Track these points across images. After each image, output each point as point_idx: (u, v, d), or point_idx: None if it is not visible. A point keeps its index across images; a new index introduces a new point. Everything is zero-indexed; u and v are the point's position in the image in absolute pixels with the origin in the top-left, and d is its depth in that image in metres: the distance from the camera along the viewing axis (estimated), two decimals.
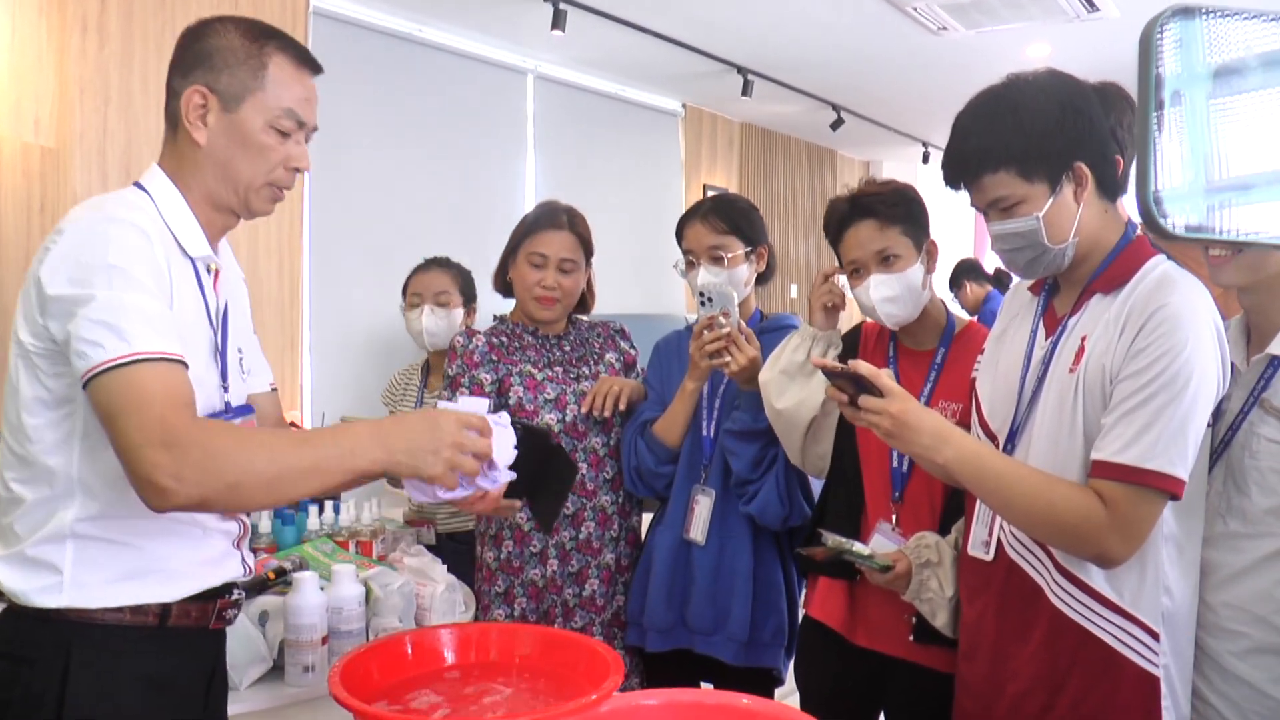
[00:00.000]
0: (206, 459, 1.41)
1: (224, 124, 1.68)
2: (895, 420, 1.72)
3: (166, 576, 1.66)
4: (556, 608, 2.60)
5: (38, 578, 1.58)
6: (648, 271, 7.74)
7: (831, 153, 10.54)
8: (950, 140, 1.84)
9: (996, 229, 1.79)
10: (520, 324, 2.72)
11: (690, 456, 2.60)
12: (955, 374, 2.27)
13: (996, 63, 6.54)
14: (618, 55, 6.70)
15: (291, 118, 1.72)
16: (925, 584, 2.08)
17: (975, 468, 1.73)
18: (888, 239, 2.28)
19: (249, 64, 1.68)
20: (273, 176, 1.73)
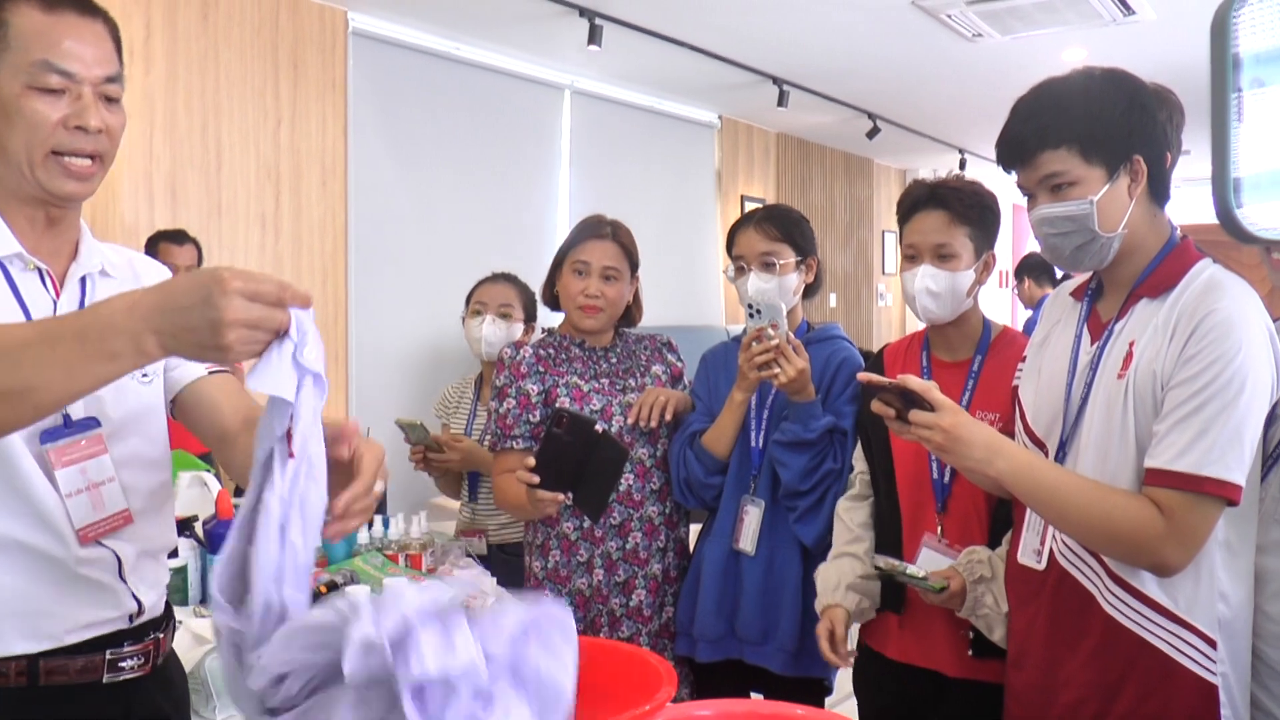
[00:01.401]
0: None
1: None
2: (948, 435, 1.70)
3: (25, 622, 1.46)
4: (603, 617, 2.61)
5: None
6: (685, 283, 7.76)
7: (868, 162, 10.53)
8: (1009, 121, 1.84)
9: (1046, 211, 1.78)
10: (567, 336, 2.73)
11: (739, 467, 2.60)
12: (993, 383, 2.26)
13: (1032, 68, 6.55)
14: (653, 69, 6.72)
15: (48, 69, 1.43)
16: (980, 600, 2.06)
17: (1029, 479, 1.72)
18: (951, 235, 2.28)
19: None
20: (52, 143, 1.45)
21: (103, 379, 1.16)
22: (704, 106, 7.98)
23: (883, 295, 10.81)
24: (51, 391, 1.15)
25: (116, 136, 1.53)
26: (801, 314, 2.71)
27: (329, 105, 5.30)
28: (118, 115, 1.53)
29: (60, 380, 1.14)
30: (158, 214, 4.52)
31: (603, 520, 2.59)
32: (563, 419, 2.22)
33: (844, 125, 8.47)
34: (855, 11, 5.64)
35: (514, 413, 2.62)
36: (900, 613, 2.32)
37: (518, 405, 2.62)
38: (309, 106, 5.20)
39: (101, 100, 1.49)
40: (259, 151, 4.93)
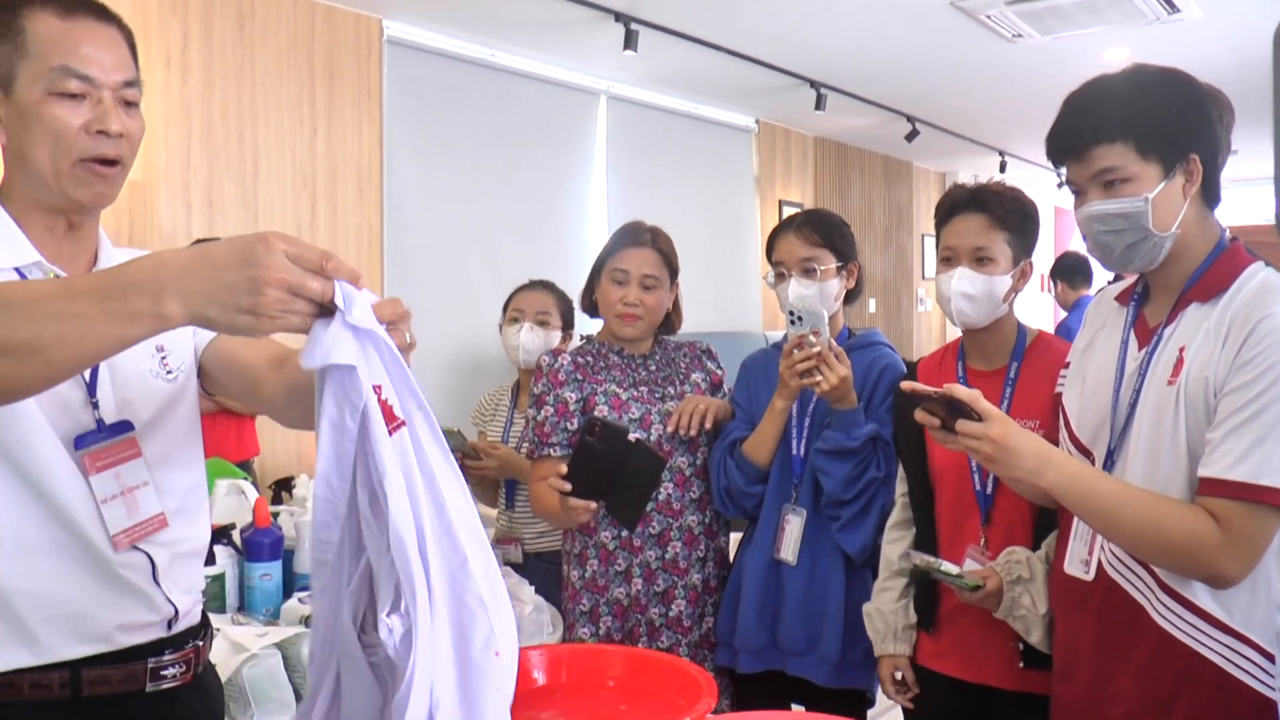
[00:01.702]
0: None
1: (10, 112, 1.44)
2: (997, 445, 1.66)
3: (67, 625, 1.45)
4: (641, 627, 2.58)
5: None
6: (723, 289, 7.74)
7: (906, 165, 10.47)
8: (1063, 114, 1.80)
9: (1097, 208, 1.73)
10: (606, 343, 2.72)
11: (780, 476, 2.57)
12: (1031, 390, 2.23)
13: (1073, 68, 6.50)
14: (690, 73, 6.71)
15: (68, 74, 1.42)
16: (1017, 601, 2.03)
17: (1080, 490, 1.67)
18: (990, 239, 2.26)
19: (8, 35, 1.43)
20: (77, 150, 1.44)
21: (118, 340, 1.10)
22: (741, 110, 7.95)
23: (922, 300, 10.74)
24: (63, 349, 1.09)
25: (136, 141, 1.52)
26: (843, 320, 2.68)
27: (364, 113, 5.32)
28: (137, 120, 1.52)
29: (74, 337, 1.08)
30: (195, 223, 4.54)
31: (641, 529, 2.57)
32: (595, 427, 2.20)
33: (882, 128, 8.43)
34: (893, 13, 5.61)
35: (551, 420, 2.60)
36: (930, 630, 2.30)
37: (555, 413, 2.60)
38: (344, 114, 5.22)
39: (121, 105, 1.49)
40: (295, 160, 4.95)
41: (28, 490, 1.42)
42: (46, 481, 1.42)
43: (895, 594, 2.35)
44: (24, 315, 1.09)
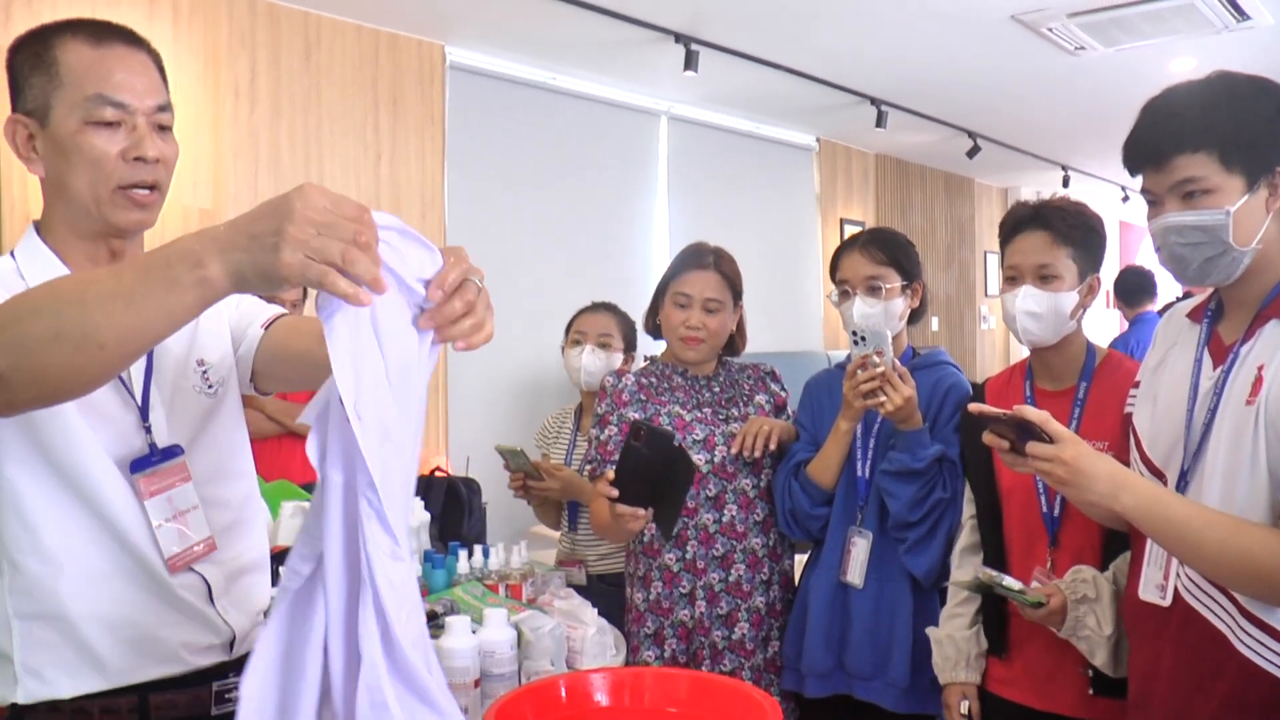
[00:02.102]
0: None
1: (47, 143, 1.45)
2: (1070, 468, 1.61)
3: (134, 648, 1.46)
4: (705, 650, 2.57)
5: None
6: (786, 309, 7.71)
7: (968, 181, 10.38)
8: (1142, 121, 1.74)
9: (1174, 220, 1.68)
10: (670, 365, 2.72)
11: (845, 498, 2.55)
12: (1100, 410, 2.18)
13: (1137, 80, 6.43)
14: (750, 92, 6.71)
15: (103, 103, 1.43)
16: (1082, 621, 1.99)
17: (1157, 514, 1.62)
18: (1054, 256, 2.22)
19: (40, 66, 1.43)
20: (116, 178, 1.45)
21: (166, 314, 1.07)
22: (802, 129, 7.93)
23: (985, 318, 10.62)
24: (114, 330, 1.07)
25: (171, 165, 1.54)
26: (906, 339, 2.65)
27: (427, 139, 5.38)
28: (171, 144, 1.53)
29: (121, 316, 1.07)
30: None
31: (705, 551, 2.56)
32: (640, 431, 2.19)
33: (943, 144, 8.36)
34: (954, 28, 5.57)
35: (615, 439, 2.61)
36: (1002, 656, 2.26)
37: (619, 432, 2.61)
38: (408, 140, 5.28)
39: (155, 130, 1.50)
40: (360, 185, 5.01)
41: (90, 515, 1.44)
42: (107, 507, 1.44)
43: (966, 620, 2.31)
44: (74, 303, 1.08)
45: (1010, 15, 5.35)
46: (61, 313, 1.07)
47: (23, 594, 1.42)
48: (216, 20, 4.73)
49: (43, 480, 1.41)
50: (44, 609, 1.42)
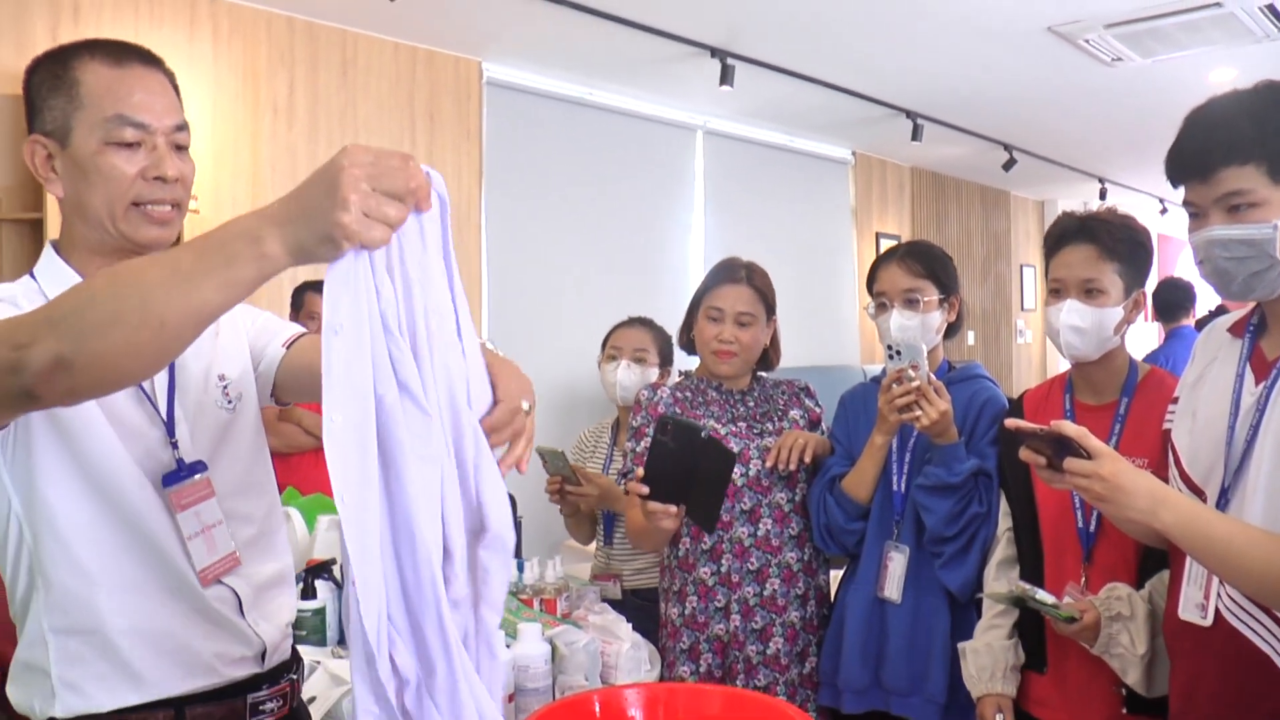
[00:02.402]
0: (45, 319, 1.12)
1: (67, 163, 1.47)
2: (1109, 484, 1.59)
3: (172, 659, 1.49)
4: (739, 664, 2.56)
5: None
6: (822, 322, 7.69)
7: (1004, 194, 10.33)
8: (1187, 132, 1.70)
9: (1219, 233, 1.65)
10: (705, 379, 2.72)
11: (881, 512, 2.53)
12: (1140, 426, 2.15)
13: (1175, 91, 6.39)
14: (786, 106, 6.71)
15: (124, 123, 1.45)
16: (1115, 638, 1.97)
17: (1198, 532, 1.58)
18: (1099, 270, 2.18)
19: (60, 87, 1.46)
20: (132, 195, 1.47)
21: (224, 289, 1.07)
22: (837, 142, 7.93)
23: (1022, 332, 10.55)
24: (172, 307, 1.06)
25: (189, 184, 1.54)
26: (942, 353, 2.64)
27: (464, 154, 5.41)
28: (188, 163, 1.54)
29: (180, 294, 1.06)
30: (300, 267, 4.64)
31: (740, 565, 2.55)
32: (668, 425, 2.17)
33: (979, 157, 8.33)
34: (989, 40, 5.55)
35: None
36: (1041, 670, 2.23)
37: None
38: (445, 155, 5.31)
39: (172, 149, 1.51)
40: None
41: (124, 528, 1.46)
42: (141, 520, 1.47)
43: (1004, 632, 2.29)
44: (133, 285, 1.08)
45: (1047, 27, 5.33)
46: (120, 295, 1.07)
47: (58, 609, 1.43)
48: (256, 38, 4.78)
49: (77, 495, 1.43)
50: (79, 623, 1.43)
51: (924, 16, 5.18)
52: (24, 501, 1.41)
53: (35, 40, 4.18)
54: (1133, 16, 5.17)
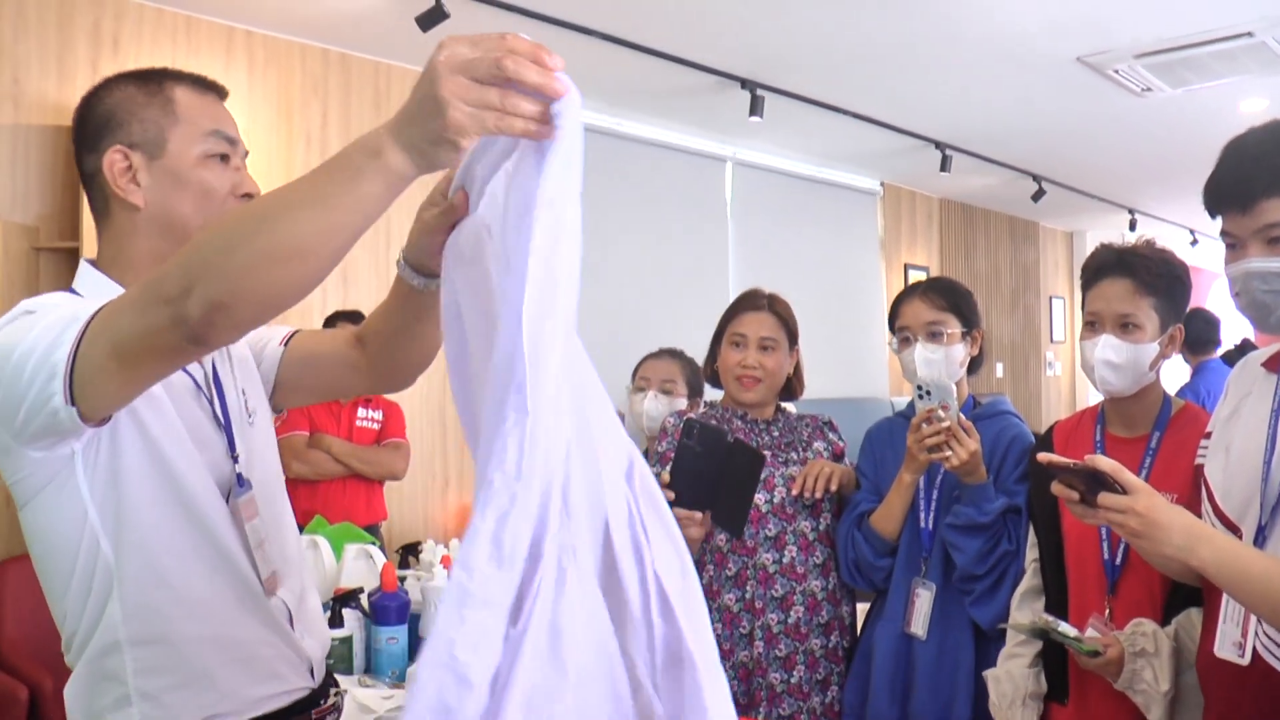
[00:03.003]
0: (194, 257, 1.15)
1: (156, 174, 1.49)
2: (1144, 520, 1.57)
3: (250, 668, 1.51)
4: (762, 691, 2.55)
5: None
6: (850, 354, 7.68)
7: (1033, 225, 10.30)
8: (1227, 162, 1.69)
9: (1258, 265, 1.63)
10: (729, 409, 2.72)
11: (909, 549, 2.53)
12: (1171, 461, 2.12)
13: (1206, 122, 6.37)
14: (815, 137, 6.73)
15: (220, 136, 1.52)
16: (1139, 674, 1.95)
17: (1235, 569, 1.56)
18: (1136, 305, 2.15)
19: (155, 102, 1.50)
20: (225, 209, 1.51)
21: (356, 207, 1.08)
22: (866, 173, 7.93)
23: (1051, 364, 10.49)
24: (313, 234, 1.09)
25: None
26: (967, 388, 2.64)
27: None
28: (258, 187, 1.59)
29: (317, 220, 1.08)
30: (330, 295, 4.69)
31: (764, 592, 2.55)
32: (694, 430, 2.17)
33: (1008, 188, 8.31)
34: (1018, 71, 5.56)
35: None
36: (1064, 702, 2.21)
37: None
38: None
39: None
40: None
41: (201, 537, 1.48)
42: (215, 530, 1.49)
43: (1026, 660, 2.27)
44: (268, 220, 1.09)
45: (1076, 57, 5.33)
46: (259, 231, 1.09)
47: (135, 619, 1.44)
48: (290, 69, 4.85)
49: (160, 502, 1.45)
50: (157, 633, 1.45)
51: (954, 48, 5.19)
52: (103, 511, 1.41)
53: (77, 72, 4.25)
54: (1163, 46, 5.16)
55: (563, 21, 4.66)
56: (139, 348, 1.20)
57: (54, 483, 1.39)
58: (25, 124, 4.14)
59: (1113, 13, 4.78)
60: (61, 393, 1.24)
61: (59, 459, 1.37)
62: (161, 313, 1.14)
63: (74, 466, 1.38)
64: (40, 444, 1.33)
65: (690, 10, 4.69)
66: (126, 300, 1.23)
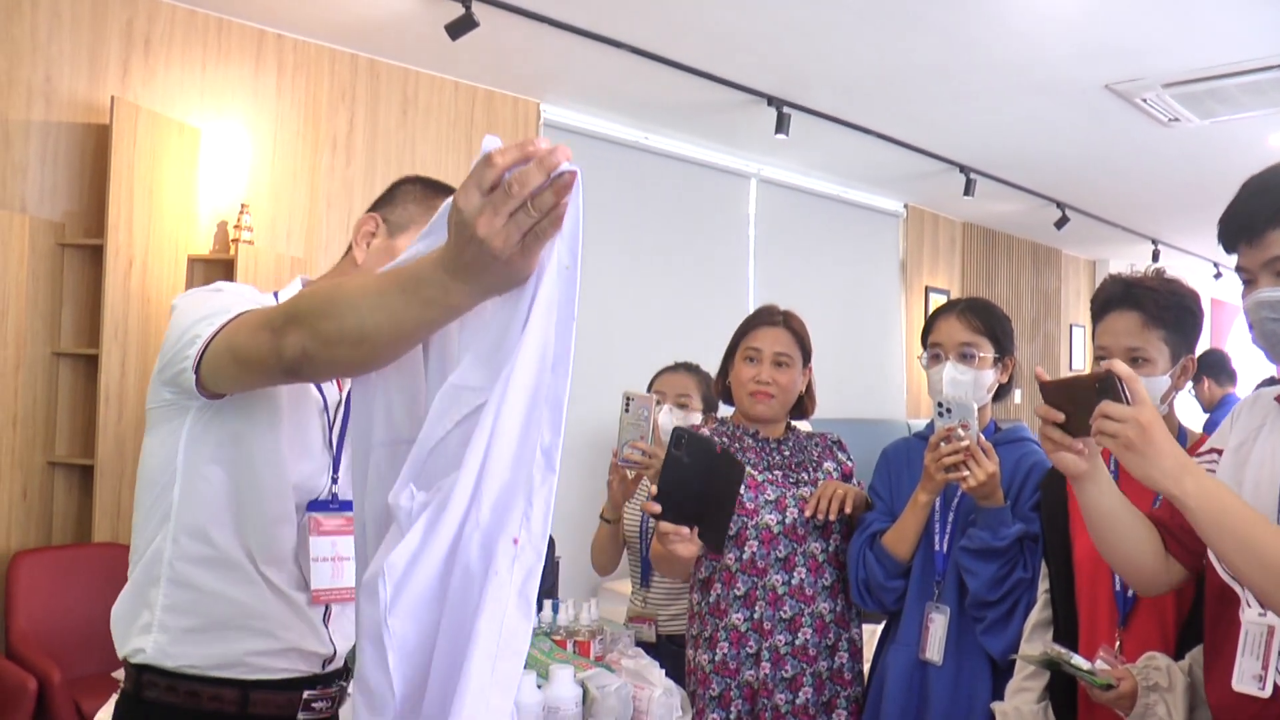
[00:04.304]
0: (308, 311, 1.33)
1: (383, 246, 1.75)
2: (1144, 433, 1.55)
3: (249, 634, 1.67)
4: (767, 712, 2.54)
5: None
6: (868, 374, 7.66)
7: (1056, 252, 10.27)
8: (1239, 196, 1.69)
9: (1267, 295, 1.63)
10: (740, 426, 2.71)
11: (922, 572, 2.50)
12: None
13: (1233, 153, 6.34)
14: (839, 156, 6.73)
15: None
16: (1151, 709, 1.92)
17: (1217, 506, 1.54)
18: (1144, 339, 2.13)
19: (422, 203, 1.77)
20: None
21: (423, 325, 1.22)
22: (889, 195, 7.93)
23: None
24: (381, 333, 1.23)
25: None
26: (990, 414, 2.61)
27: None
28: None
29: (387, 323, 1.22)
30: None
31: (772, 613, 2.53)
32: (682, 439, 2.13)
33: (1031, 214, 8.30)
34: (1046, 97, 5.55)
35: None
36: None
37: None
38: None
39: None
40: None
41: (257, 530, 1.66)
42: (274, 529, 1.67)
43: (1034, 695, 2.25)
44: (352, 309, 1.25)
45: (1104, 85, 5.32)
46: (344, 316, 1.26)
47: (177, 560, 1.63)
48: (319, 75, 4.88)
49: (235, 476, 1.64)
50: (189, 578, 1.63)
51: (981, 72, 5.19)
52: (185, 467, 1.62)
53: (108, 71, 4.28)
54: (1192, 76, 5.15)
55: (591, 34, 4.68)
56: (248, 359, 1.43)
57: (169, 425, 1.63)
58: (56, 121, 4.18)
59: (1142, 42, 4.77)
60: (194, 358, 1.50)
61: (180, 408, 1.61)
62: (267, 341, 1.36)
63: (185, 420, 1.61)
64: (172, 389, 1.58)
65: (719, 26, 4.70)
66: (251, 317, 1.46)
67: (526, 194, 1.06)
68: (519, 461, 1.13)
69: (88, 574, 4.07)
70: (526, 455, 1.14)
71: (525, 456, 1.14)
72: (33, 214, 4.12)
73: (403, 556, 1.12)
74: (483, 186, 1.06)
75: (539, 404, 1.15)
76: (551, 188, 1.07)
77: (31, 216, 4.11)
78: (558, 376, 1.17)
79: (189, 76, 4.53)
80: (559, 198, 1.07)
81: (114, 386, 4.15)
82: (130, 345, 4.17)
